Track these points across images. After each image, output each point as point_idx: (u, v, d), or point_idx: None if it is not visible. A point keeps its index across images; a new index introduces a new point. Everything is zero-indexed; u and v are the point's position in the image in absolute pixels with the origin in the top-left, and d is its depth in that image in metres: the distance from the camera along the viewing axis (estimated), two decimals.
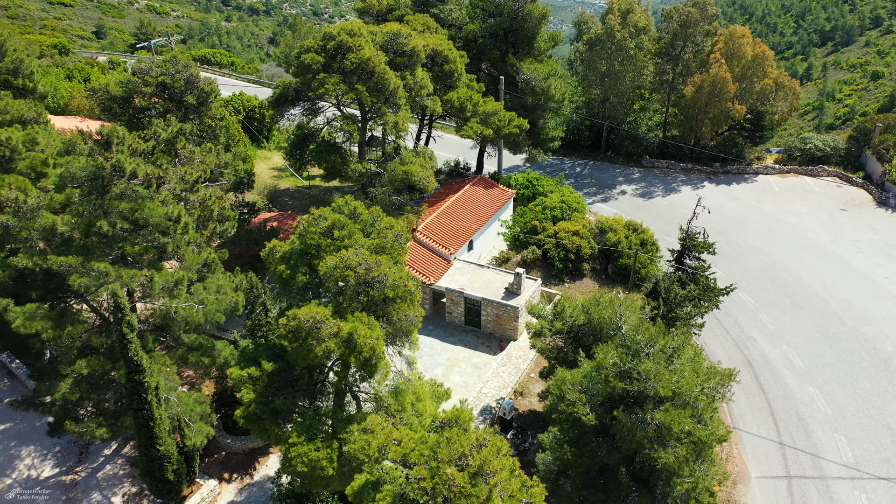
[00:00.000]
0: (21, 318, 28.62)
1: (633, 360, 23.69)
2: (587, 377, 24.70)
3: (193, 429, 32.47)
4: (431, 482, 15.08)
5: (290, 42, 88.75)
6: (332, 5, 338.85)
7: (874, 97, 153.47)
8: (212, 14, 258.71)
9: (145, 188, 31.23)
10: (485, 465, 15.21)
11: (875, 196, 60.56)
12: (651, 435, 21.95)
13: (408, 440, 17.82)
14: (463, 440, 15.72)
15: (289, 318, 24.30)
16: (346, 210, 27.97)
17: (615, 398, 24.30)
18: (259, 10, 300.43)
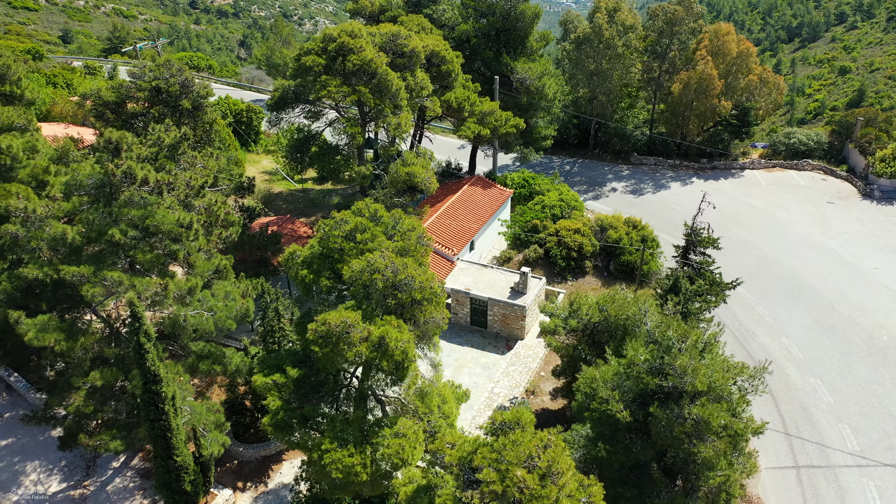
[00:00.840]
0: (33, 331, 27.90)
1: (665, 355, 23.82)
2: (618, 374, 24.79)
3: (209, 438, 31.95)
4: (502, 485, 14.99)
5: (271, 45, 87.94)
6: (302, 7, 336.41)
7: (843, 91, 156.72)
8: (180, 17, 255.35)
9: (156, 195, 30.73)
10: (552, 465, 15.17)
11: (860, 189, 61.79)
12: (689, 430, 22.11)
13: (461, 443, 17.71)
14: (528, 441, 15.66)
15: (318, 323, 24.02)
16: (367, 213, 27.75)
17: (646, 394, 24.44)
18: (228, 13, 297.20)
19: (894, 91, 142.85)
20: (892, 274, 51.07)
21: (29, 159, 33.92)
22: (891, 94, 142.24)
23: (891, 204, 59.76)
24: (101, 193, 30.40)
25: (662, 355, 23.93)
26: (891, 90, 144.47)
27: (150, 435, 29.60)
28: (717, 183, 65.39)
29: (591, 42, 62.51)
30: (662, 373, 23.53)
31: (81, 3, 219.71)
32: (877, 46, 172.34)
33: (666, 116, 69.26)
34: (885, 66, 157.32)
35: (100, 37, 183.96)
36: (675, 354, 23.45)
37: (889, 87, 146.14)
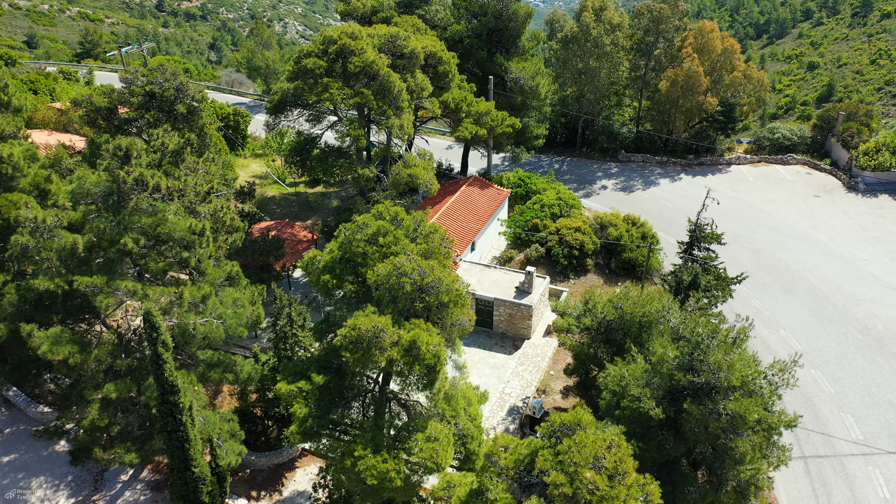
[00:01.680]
0: (47, 344, 27.22)
1: (695, 352, 23.99)
2: (647, 372, 24.91)
3: (224, 448, 31.49)
4: (571, 487, 14.94)
5: (251, 47, 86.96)
6: (271, 9, 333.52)
7: (812, 86, 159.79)
8: (148, 20, 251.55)
9: (166, 202, 30.21)
10: (619, 465, 15.17)
11: (844, 182, 62.97)
12: (725, 425, 22.29)
13: (515, 446, 17.62)
14: (592, 442, 15.62)
15: (349, 328, 23.74)
16: (388, 216, 27.51)
17: (676, 391, 24.59)
18: (196, 16, 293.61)
19: (862, 85, 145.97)
20: (881, 265, 52.13)
21: (29, 168, 33.07)
22: (859, 88, 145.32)
23: (875, 196, 61.00)
24: (109, 201, 29.79)
25: (692, 351, 24.09)
26: (859, 84, 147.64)
27: (167, 446, 29.07)
28: (704, 179, 66.14)
29: (579, 41, 62.83)
30: (693, 369, 23.69)
31: (46, 7, 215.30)
32: (843, 42, 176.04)
33: (652, 114, 69.92)
34: (852, 60, 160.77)
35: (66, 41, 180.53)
36: (705, 350, 23.63)
37: (857, 82, 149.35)
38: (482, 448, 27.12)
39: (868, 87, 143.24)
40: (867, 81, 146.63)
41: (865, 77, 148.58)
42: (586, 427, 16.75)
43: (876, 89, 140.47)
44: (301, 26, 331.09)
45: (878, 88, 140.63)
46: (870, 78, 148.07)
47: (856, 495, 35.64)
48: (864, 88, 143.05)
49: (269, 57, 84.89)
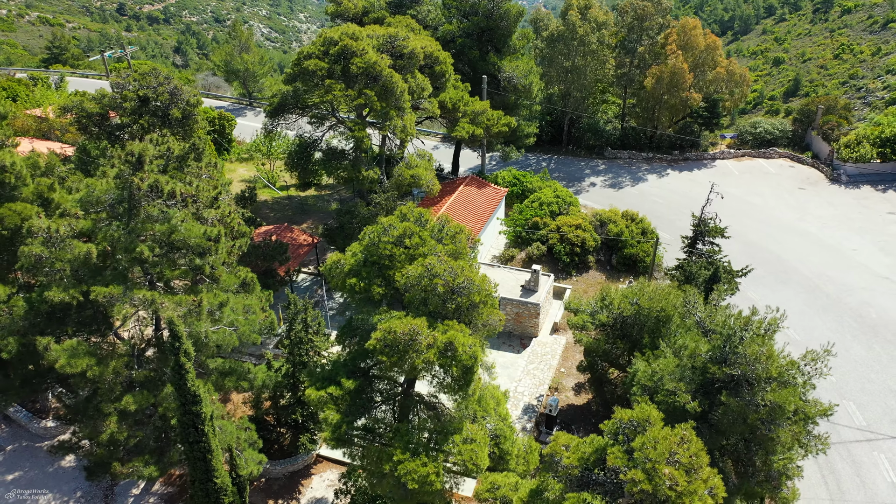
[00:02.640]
0: (64, 357, 26.44)
1: (727, 344, 24.21)
2: (680, 366, 25.07)
3: (244, 457, 30.96)
4: (650, 484, 14.92)
5: (230, 50, 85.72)
6: (235, 11, 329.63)
7: (779, 81, 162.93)
8: (110, 24, 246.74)
9: (180, 208, 29.60)
10: (694, 460, 15.20)
11: (827, 174, 64.27)
12: (764, 416, 22.52)
13: (576, 445, 17.57)
14: (665, 438, 15.63)
15: (384, 332, 23.47)
16: (412, 217, 27.29)
17: (708, 384, 24.80)
18: (158, 19, 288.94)
19: (827, 79, 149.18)
20: (869, 254, 53.30)
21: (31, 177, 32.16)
22: (824, 82, 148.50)
23: (858, 187, 62.37)
24: (120, 209, 29.11)
25: (724, 344, 24.30)
26: (824, 79, 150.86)
27: (188, 457, 28.46)
28: (691, 174, 66.98)
29: (566, 39, 63.15)
30: (727, 361, 23.90)
31: (4, 11, 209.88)
32: (806, 37, 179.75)
33: (637, 111, 70.58)
34: (816, 55, 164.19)
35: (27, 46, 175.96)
36: (738, 342, 23.86)
37: (822, 76, 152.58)
38: (515, 447, 27.11)
39: (833, 81, 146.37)
40: (832, 76, 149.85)
41: (830, 72, 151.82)
42: (654, 422, 16.79)
43: (841, 83, 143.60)
44: (266, 28, 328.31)
45: (842, 83, 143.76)
46: (834, 72, 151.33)
47: (864, 481, 36.33)
48: (830, 83, 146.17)
49: (248, 60, 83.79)
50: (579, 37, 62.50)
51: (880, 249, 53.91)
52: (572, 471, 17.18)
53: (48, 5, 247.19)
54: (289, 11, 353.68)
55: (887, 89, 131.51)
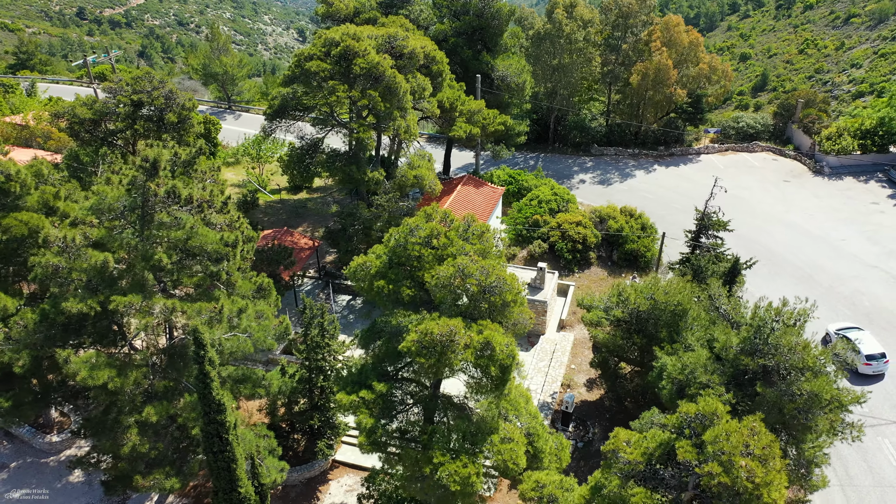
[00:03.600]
0: (85, 370, 25.73)
1: (757, 336, 24.49)
2: (710, 359, 25.29)
3: (266, 465, 30.47)
4: (729, 476, 14.98)
5: (207, 53, 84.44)
6: (198, 14, 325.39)
7: (746, 76, 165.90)
8: (71, 29, 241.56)
9: (196, 213, 29.06)
10: (767, 451, 15.30)
11: (810, 166, 65.51)
12: (801, 405, 22.82)
13: (637, 440, 17.60)
14: (736, 430, 15.72)
15: (421, 334, 23.26)
16: (438, 217, 27.12)
17: (739, 375, 25.07)
18: (120, 23, 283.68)
19: (794, 74, 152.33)
20: (857, 244, 54.44)
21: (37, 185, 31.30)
22: (791, 77, 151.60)
23: (841, 179, 63.69)
24: (132, 216, 28.46)
25: (755, 336, 24.57)
26: (790, 73, 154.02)
27: (211, 467, 27.86)
28: (678, 169, 67.76)
29: (552, 37, 63.38)
30: (760, 352, 24.17)
31: None
32: (770, 33, 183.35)
33: (622, 108, 71.18)
34: (782, 51, 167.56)
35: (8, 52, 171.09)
36: (770, 333, 24.14)
37: (788, 71, 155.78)
38: (547, 445, 27.09)
39: (799, 75, 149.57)
40: (798, 70, 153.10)
41: (796, 66, 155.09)
42: (721, 415, 16.87)
43: (807, 77, 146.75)
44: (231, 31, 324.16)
45: (809, 77, 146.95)
46: (800, 67, 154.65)
47: (871, 465, 36.99)
48: (796, 77, 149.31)
49: (227, 62, 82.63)
50: (566, 35, 62.80)
51: (867, 239, 55.10)
52: (637, 466, 17.19)
53: (5, 10, 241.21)
54: (253, 14, 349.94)
55: (853, 83, 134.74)
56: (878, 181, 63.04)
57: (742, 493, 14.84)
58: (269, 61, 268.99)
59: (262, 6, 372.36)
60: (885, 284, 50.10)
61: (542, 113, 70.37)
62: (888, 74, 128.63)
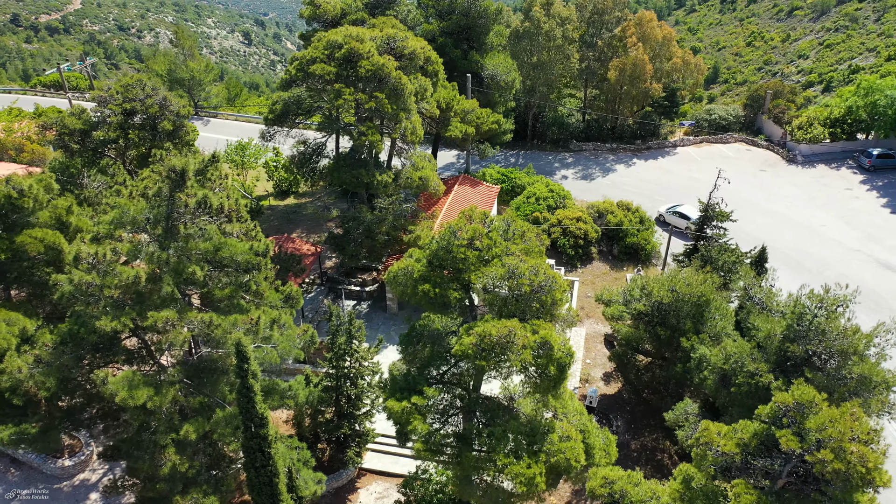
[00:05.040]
0: (125, 390, 24.76)
1: (800, 322, 25.09)
2: (754, 347, 25.79)
3: (302, 478, 29.90)
4: (842, 462, 15.29)
5: (172, 58, 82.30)
6: (139, 19, 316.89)
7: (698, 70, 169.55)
8: (7, 36, 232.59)
9: (224, 223, 28.34)
10: (871, 436, 15.68)
11: (783, 156, 67.45)
12: (852, 388, 23.45)
13: (727, 432, 17.84)
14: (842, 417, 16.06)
15: (478, 336, 23.11)
16: (477, 218, 26.98)
17: (782, 362, 25.64)
18: (58, 29, 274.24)
19: (743, 66, 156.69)
20: (838, 229, 56.29)
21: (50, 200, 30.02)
22: (741, 69, 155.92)
23: (814, 167, 65.74)
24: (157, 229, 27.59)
25: (798, 322, 25.16)
26: (740, 66, 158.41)
27: (253, 482, 27.29)
28: (656, 162, 68.93)
29: (531, 35, 63.72)
30: (806, 338, 24.75)
31: None
32: (717, 27, 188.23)
33: (599, 103, 72.06)
34: (730, 44, 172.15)
35: None
36: (812, 319, 24.74)
37: (738, 63, 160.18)
38: (598, 441, 27.23)
39: (749, 67, 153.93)
40: (747, 62, 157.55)
41: (745, 58, 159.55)
42: (818, 402, 17.20)
43: (757, 69, 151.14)
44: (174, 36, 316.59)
45: (758, 68, 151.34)
46: (749, 59, 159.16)
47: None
48: (746, 69, 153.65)
49: (194, 67, 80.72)
50: (545, 32, 63.20)
51: (846, 224, 57.02)
52: (734, 457, 17.42)
53: None
54: (196, 17, 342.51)
55: (801, 73, 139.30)
56: (849, 167, 65.29)
57: (854, 478, 15.22)
58: (217, 65, 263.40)
59: (205, 9, 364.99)
60: (869, 267, 51.94)
61: (520, 110, 70.71)
62: (835, 64, 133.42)
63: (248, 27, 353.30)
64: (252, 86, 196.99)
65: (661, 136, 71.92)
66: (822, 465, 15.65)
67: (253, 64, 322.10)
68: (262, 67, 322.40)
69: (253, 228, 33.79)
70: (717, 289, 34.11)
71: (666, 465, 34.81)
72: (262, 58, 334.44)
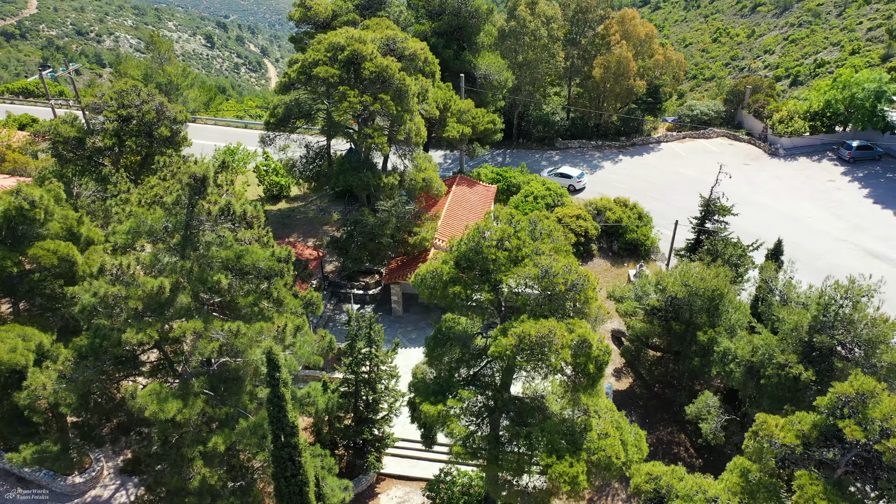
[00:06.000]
0: (155, 404, 24.19)
1: (827, 313, 25.52)
2: (781, 339, 26.16)
3: (329, 486, 29.54)
4: None
5: (149, 64, 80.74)
6: (98, 23, 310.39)
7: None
8: None
9: (244, 229, 27.88)
10: None
11: (765, 149, 68.68)
12: (883, 375, 23.92)
13: (784, 424, 18.06)
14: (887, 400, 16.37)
15: (517, 337, 23.05)
16: (505, 218, 26.92)
17: (808, 352, 26.06)
18: (14, 34, 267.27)
19: (711, 62, 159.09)
20: (824, 220, 57.48)
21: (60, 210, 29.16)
22: (709, 65, 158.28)
23: (795, 160, 67.04)
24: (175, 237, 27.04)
25: (824, 313, 25.59)
26: (708, 62, 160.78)
27: (283, 492, 26.85)
28: (642, 158, 69.63)
29: (517, 34, 63.89)
30: (832, 328, 25.19)
31: None
32: (683, 24, 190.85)
33: (583, 101, 72.54)
34: (696, 40, 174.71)
35: None
36: (838, 310, 25.19)
37: (706, 59, 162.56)
38: (630, 436, 27.36)
39: (717, 63, 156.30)
40: (714, 58, 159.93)
41: (712, 54, 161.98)
42: (880, 393, 17.49)
43: (724, 65, 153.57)
44: (134, 39, 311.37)
45: (725, 64, 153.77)
46: (715, 55, 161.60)
47: None
48: (714, 65, 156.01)
49: (171, 72, 79.25)
50: (530, 31, 63.41)
51: (832, 215, 58.25)
52: (796, 449, 17.64)
53: None
54: (157, 20, 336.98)
55: (768, 68, 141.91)
56: (830, 160, 66.73)
57: None
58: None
59: (165, 12, 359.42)
60: (857, 256, 53.12)
61: (506, 109, 70.83)
62: (800, 59, 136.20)
63: (210, 30, 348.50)
64: (219, 89, 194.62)
65: (645, 132, 72.68)
66: (892, 454, 15.96)
67: (217, 67, 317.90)
68: (226, 70, 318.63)
69: (265, 234, 33.43)
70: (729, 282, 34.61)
71: (683, 458, 35.16)
72: (226, 60, 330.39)
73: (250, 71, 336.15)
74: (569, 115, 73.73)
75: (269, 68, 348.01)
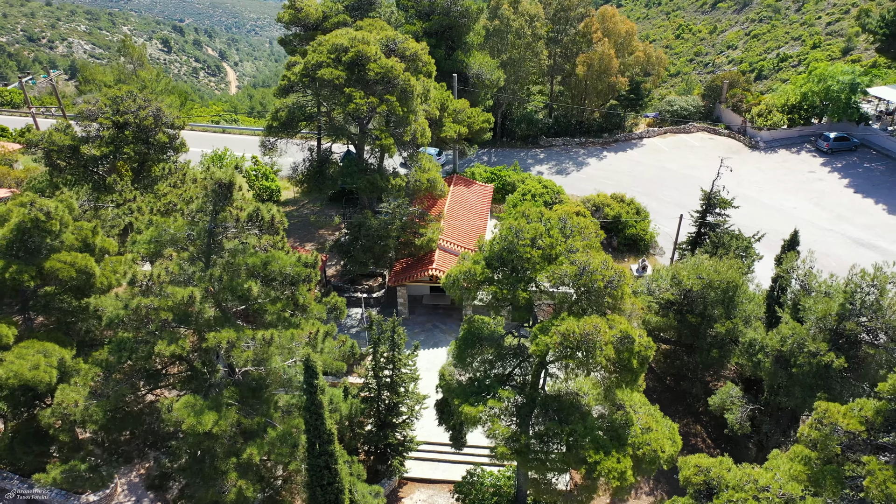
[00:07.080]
0: (192, 416, 23.58)
1: (852, 302, 26.06)
2: (811, 327, 26.63)
3: (360, 492, 29.18)
4: None
5: (121, 67, 78.95)
6: (50, 29, 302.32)
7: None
8: None
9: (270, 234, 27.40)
10: None
11: (745, 142, 69.97)
12: None
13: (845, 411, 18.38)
14: None
15: (563, 336, 23.01)
16: (534, 217, 26.88)
17: (835, 340, 26.60)
18: None
19: (675, 58, 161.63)
20: (808, 211, 58.78)
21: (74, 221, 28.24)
22: (673, 61, 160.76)
23: (776, 152, 68.44)
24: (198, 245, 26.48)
25: (851, 302, 26.12)
26: (672, 58, 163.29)
27: (318, 501, 26.46)
28: (626, 154, 70.37)
29: (501, 33, 64.07)
30: (859, 315, 25.73)
31: None
32: (645, 20, 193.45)
33: (565, 99, 73.04)
34: (659, 37, 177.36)
35: None
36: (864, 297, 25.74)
37: (669, 55, 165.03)
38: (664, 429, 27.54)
39: (681, 59, 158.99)
40: (678, 54, 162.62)
41: (676, 50, 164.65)
42: None
43: (689, 60, 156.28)
44: (88, 45, 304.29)
45: (690, 60, 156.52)
46: (679, 51, 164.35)
47: None
48: (679, 61, 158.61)
49: (145, 77, 77.60)
50: (514, 30, 63.62)
51: (815, 205, 59.59)
52: (861, 435, 17.96)
53: None
54: (111, 25, 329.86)
55: (732, 63, 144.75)
56: (808, 151, 68.28)
57: None
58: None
59: (119, 17, 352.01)
60: (843, 245, 54.45)
61: (490, 108, 70.94)
62: (763, 53, 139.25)
63: (166, 34, 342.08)
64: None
65: (627, 128, 73.48)
66: None
67: (175, 72, 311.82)
68: (184, 75, 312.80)
69: (280, 240, 32.92)
70: None
71: (701, 449, 35.56)
72: (184, 65, 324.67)
73: (209, 75, 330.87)
74: (552, 112, 74.15)
75: (229, 72, 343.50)
